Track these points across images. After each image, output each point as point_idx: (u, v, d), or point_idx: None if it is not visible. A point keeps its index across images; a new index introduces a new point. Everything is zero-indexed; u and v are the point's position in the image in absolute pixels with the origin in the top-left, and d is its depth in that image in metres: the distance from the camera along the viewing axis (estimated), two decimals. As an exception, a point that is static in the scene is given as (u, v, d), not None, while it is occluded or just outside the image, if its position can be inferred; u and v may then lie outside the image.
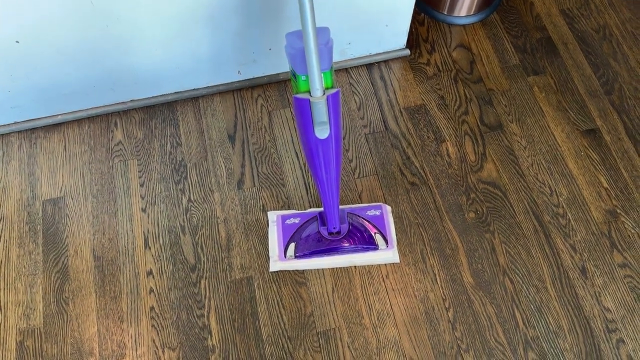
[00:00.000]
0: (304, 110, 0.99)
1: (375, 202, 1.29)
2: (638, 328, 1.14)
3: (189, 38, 1.29)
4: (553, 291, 1.19)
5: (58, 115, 1.41)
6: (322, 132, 1.01)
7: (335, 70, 1.48)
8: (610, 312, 1.16)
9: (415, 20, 1.55)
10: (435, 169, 1.33)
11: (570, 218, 1.26)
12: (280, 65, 1.42)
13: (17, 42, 1.16)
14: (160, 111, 1.43)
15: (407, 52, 1.49)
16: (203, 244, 1.25)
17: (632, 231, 1.24)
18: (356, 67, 1.48)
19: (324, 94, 0.97)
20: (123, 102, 1.42)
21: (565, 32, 1.52)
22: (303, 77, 0.97)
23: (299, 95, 0.98)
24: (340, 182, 1.16)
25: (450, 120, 1.39)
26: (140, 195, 1.31)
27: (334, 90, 0.98)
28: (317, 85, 0.95)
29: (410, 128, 1.38)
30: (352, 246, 1.22)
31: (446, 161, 1.34)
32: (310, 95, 0.97)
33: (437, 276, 1.20)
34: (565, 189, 1.30)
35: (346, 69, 1.48)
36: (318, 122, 1.00)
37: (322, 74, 0.96)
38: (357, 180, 1.32)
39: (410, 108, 1.41)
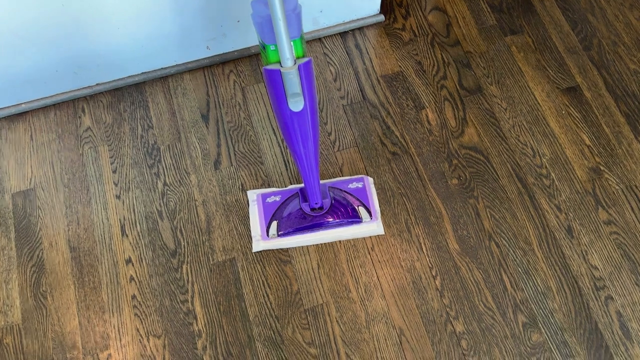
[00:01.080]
0: (275, 82, 0.95)
1: (356, 174, 1.26)
2: (626, 284, 1.14)
3: (151, 15, 1.23)
4: (540, 253, 1.18)
5: (21, 104, 1.34)
6: (296, 104, 0.97)
7: (308, 41, 1.43)
8: (598, 269, 1.16)
9: (388, -15, 1.50)
10: (416, 137, 1.30)
11: (554, 178, 1.25)
12: (251, 39, 1.37)
13: (-34, 27, 1.09)
14: (128, 93, 1.37)
15: (382, 17, 1.44)
16: (182, 228, 1.21)
17: (616, 187, 1.23)
18: (330, 36, 1.43)
19: (295, 63, 0.93)
20: (89, 87, 1.36)
21: (541, -11, 1.49)
22: (272, 47, 0.93)
23: (269, 67, 0.94)
24: (319, 156, 1.13)
25: (429, 86, 1.36)
26: (114, 182, 1.27)
27: (305, 59, 0.94)
28: (287, 55, 0.91)
29: (389, 96, 1.35)
30: (336, 221, 1.19)
31: (427, 128, 1.31)
32: (281, 66, 0.93)
33: (423, 245, 1.19)
34: (547, 149, 1.28)
35: (320, 38, 1.43)
36: (291, 94, 0.96)
37: (292, 43, 0.91)
38: (337, 154, 1.29)
39: (387, 76, 1.38)
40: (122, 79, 1.36)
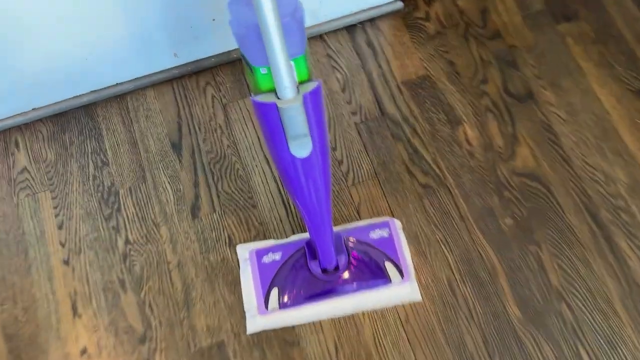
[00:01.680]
0: (270, 120, 0.64)
1: (379, 216, 0.97)
2: None
3: (96, 16, 0.91)
4: (625, 315, 0.89)
5: None
6: (300, 148, 0.67)
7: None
8: (703, 335, 0.88)
9: (404, -39, 1.18)
10: (454, 163, 1.00)
11: (636, 211, 0.96)
12: (231, 40, 1.04)
13: None
14: (75, 119, 1.05)
15: (399, 4, 1.12)
16: (152, 303, 0.92)
17: None
18: (334, 31, 1.12)
19: (298, 92, 0.62)
20: (22, 113, 1.04)
21: (597, -40, 1.17)
22: (263, 70, 0.62)
23: (260, 98, 0.63)
24: (331, 200, 0.83)
25: (466, 93, 1.05)
26: (60, 242, 0.96)
27: (312, 85, 0.63)
28: (285, 83, 0.60)
29: (414, 109, 1.04)
30: (356, 284, 0.90)
31: (466, 150, 1.01)
32: (278, 98, 0.62)
33: (473, 312, 0.90)
34: (622, 172, 0.99)
35: (321, 35, 1.11)
36: (294, 136, 0.65)
37: (292, 63, 0.61)
38: (351, 189, 0.99)
39: (410, 82, 1.07)
40: (65, 101, 1.04)
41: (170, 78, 1.07)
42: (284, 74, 0.59)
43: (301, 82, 0.64)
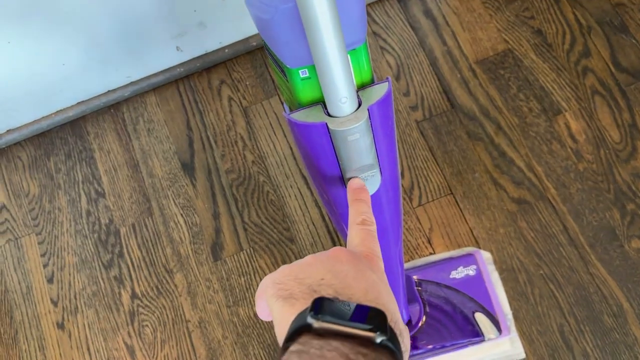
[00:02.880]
0: (316, 146, 0.41)
1: (459, 247, 0.73)
2: None
3: (72, 7, 0.68)
4: None
5: None
6: (364, 182, 0.44)
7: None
8: None
9: None
10: (555, 167, 0.74)
11: None
12: (248, 23, 0.81)
13: None
14: (60, 140, 0.84)
15: (462, -40, 0.86)
16: (171, 376, 0.71)
17: None
18: (379, 0, 0.86)
19: (359, 105, 0.38)
20: (-5, 136, 0.83)
21: None
22: (303, 73, 0.38)
23: (299, 116, 0.39)
24: (402, 242, 0.59)
25: (562, 71, 0.79)
26: (52, 300, 0.76)
27: (380, 90, 0.39)
28: (342, 91, 0.36)
29: (496, 97, 0.79)
30: (436, 344, 0.67)
31: (571, 149, 0.75)
32: (328, 115, 0.39)
33: (600, 373, 0.66)
34: None
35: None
36: (355, 167, 0.42)
37: (349, 59, 0.37)
38: (419, 211, 0.75)
39: (487, 61, 0.81)
40: (46, 118, 0.82)
41: (174, 78, 0.84)
42: (339, 78, 0.36)
43: (362, 86, 0.40)
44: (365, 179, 0.44)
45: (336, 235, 0.75)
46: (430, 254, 0.73)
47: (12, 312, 0.76)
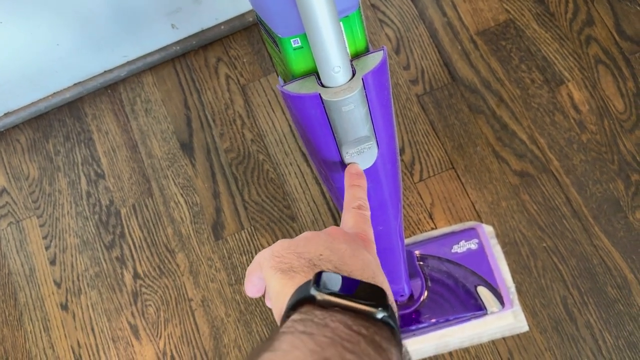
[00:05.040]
0: (310, 118, 0.40)
1: (461, 222, 0.72)
2: None
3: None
4: None
5: None
6: (359, 156, 0.43)
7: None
8: None
9: None
10: (558, 139, 0.73)
11: None
12: (243, 1, 0.79)
13: None
14: (58, 122, 0.83)
15: None
16: (175, 353, 0.71)
17: None
18: (376, -26, 0.84)
19: (353, 75, 0.37)
20: (-7, 119, 0.83)
21: None
22: (295, 42, 0.37)
23: (292, 87, 0.39)
24: (402, 216, 0.59)
25: (565, 41, 0.77)
26: (55, 281, 0.76)
27: (375, 59, 0.38)
28: (334, 60, 0.35)
29: (497, 69, 0.77)
30: (439, 317, 0.67)
31: (574, 120, 0.74)
32: (321, 85, 0.38)
33: (602, 343, 0.66)
34: None
35: (359, -19, 0.84)
36: (350, 139, 0.41)
37: (342, 26, 0.36)
38: (420, 187, 0.74)
39: (488, 31, 0.79)
40: (44, 100, 0.82)
41: (170, 57, 0.83)
42: (331, 46, 0.35)
43: (356, 55, 0.39)
44: (362, 152, 0.43)
45: (337, 212, 0.74)
46: (432, 228, 0.72)
47: (16, 294, 0.77)
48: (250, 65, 0.82)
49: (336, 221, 0.74)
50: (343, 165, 0.44)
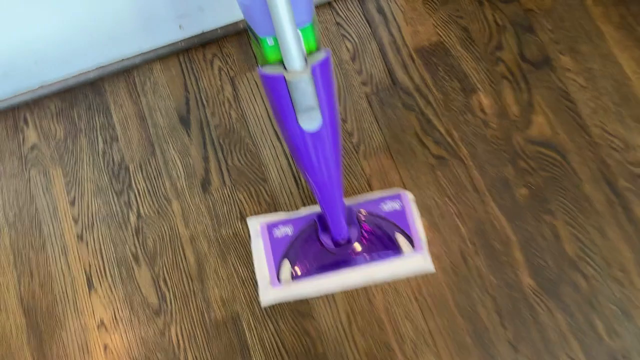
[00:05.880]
0: (278, 93, 0.63)
1: (390, 189, 0.96)
2: None
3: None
4: (642, 284, 0.88)
5: (-56, 117, 1.03)
6: (310, 121, 0.66)
7: (314, 7, 1.08)
8: None
9: None
10: (468, 133, 0.98)
11: (655, 179, 0.94)
12: (237, 11, 1.02)
13: None
14: (83, 95, 1.04)
15: (410, -31, 1.08)
16: (166, 276, 0.92)
17: None
18: (342, -2, 1.08)
19: (306, 63, 0.60)
20: (30, 90, 1.03)
21: None
22: (270, 41, 0.60)
23: (267, 70, 0.61)
24: (342, 174, 0.82)
25: (480, 60, 1.02)
26: (73, 218, 0.97)
27: (321, 55, 0.61)
28: (293, 54, 0.58)
29: (427, 78, 1.01)
30: (368, 256, 0.89)
31: (481, 119, 0.98)
32: (285, 70, 0.60)
33: (486, 282, 0.89)
34: (643, 139, 0.96)
35: (329, 2, 1.08)
36: (303, 108, 0.64)
37: (299, 33, 0.59)
38: (362, 161, 0.97)
39: (423, 49, 1.03)
40: (72, 77, 1.03)
41: (176, 51, 1.05)
42: (291, 45, 0.57)
43: (310, 53, 0.62)
44: (311, 118, 0.66)
45: (299, 178, 0.97)
46: (368, 192, 0.95)
47: (41, 226, 0.97)
48: (238, 61, 1.05)
49: (297, 182, 0.96)
50: (300, 128, 0.67)
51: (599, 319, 0.87)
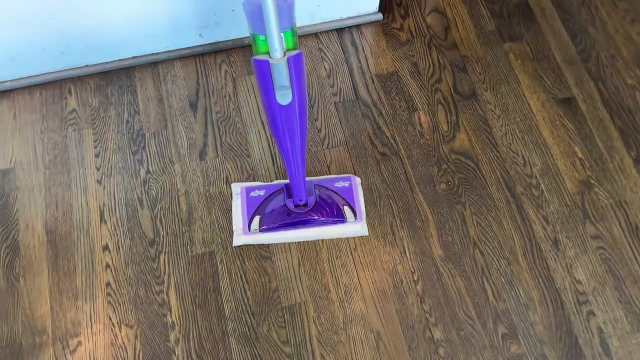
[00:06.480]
0: (263, 74, 0.92)
1: (344, 173, 1.24)
2: (609, 300, 1.12)
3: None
4: (524, 263, 1.16)
5: (6, 81, 1.31)
6: (283, 97, 0.95)
7: (304, 35, 1.40)
8: (582, 284, 1.14)
9: (389, -17, 1.48)
10: (407, 139, 1.28)
11: (544, 189, 1.23)
12: (245, 29, 1.34)
13: (-49, -2, 1.06)
14: (117, 77, 1.34)
15: (380, 16, 1.42)
16: (162, 218, 1.19)
17: (605, 202, 1.22)
18: (326, 32, 1.41)
19: (284, 55, 0.90)
20: (77, 68, 1.33)
21: (543, -2, 1.47)
22: (262, 37, 0.90)
23: (258, 57, 0.91)
24: (306, 152, 1.10)
25: (423, 88, 1.34)
26: (96, 167, 1.24)
27: (295, 52, 0.92)
28: (276, 46, 0.88)
29: (382, 96, 1.33)
30: (320, 219, 1.17)
31: (418, 131, 1.29)
32: (270, 57, 0.91)
33: (406, 249, 1.17)
34: (539, 160, 1.26)
35: (316, 33, 1.41)
36: (279, 86, 0.93)
37: (282, 34, 0.89)
38: (325, 151, 1.27)
39: (382, 75, 1.35)
40: (111, 62, 1.33)
41: (194, 54, 1.36)
42: (275, 41, 0.88)
43: (288, 50, 0.92)
44: (284, 95, 0.95)
45: (275, 156, 1.25)
46: (327, 174, 1.24)
47: (70, 170, 1.24)
48: (241, 67, 1.36)
49: (273, 160, 1.25)
50: (276, 102, 0.96)
51: (489, 285, 1.14)
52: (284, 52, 0.91)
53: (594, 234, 1.19)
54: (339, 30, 1.41)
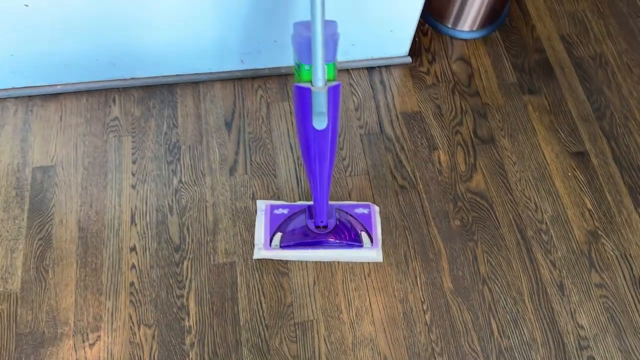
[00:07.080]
0: (304, 99, 1.01)
1: (364, 201, 1.31)
2: (609, 347, 1.16)
3: (195, 21, 1.30)
4: (530, 304, 1.20)
5: (57, 85, 1.41)
6: (320, 122, 1.03)
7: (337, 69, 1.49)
8: (584, 329, 1.18)
9: (420, 30, 1.58)
10: (426, 175, 1.35)
11: (553, 235, 1.29)
12: (284, 59, 1.44)
13: (26, 5, 1.16)
14: (159, 92, 1.43)
15: (409, 59, 1.51)
16: (189, 226, 1.25)
17: (612, 253, 1.27)
18: (357, 69, 1.51)
19: (325, 85, 0.99)
20: (123, 79, 1.42)
21: (563, 57, 1.56)
22: (307, 67, 0.99)
23: (301, 84, 1.00)
24: (332, 178, 1.17)
25: (445, 129, 1.42)
26: (132, 172, 1.31)
27: (335, 83, 1.00)
28: (319, 75, 0.97)
29: (405, 133, 1.41)
30: (338, 242, 1.23)
31: (437, 168, 1.36)
32: (312, 85, 0.99)
33: (418, 279, 1.22)
34: (550, 207, 1.32)
35: (347, 70, 1.50)
36: (317, 112, 1.01)
37: (325, 66, 0.98)
38: (348, 178, 1.34)
39: (406, 114, 1.44)
40: (156, 77, 1.43)
41: (234, 78, 1.45)
42: (319, 71, 0.96)
43: (328, 80, 1.01)
44: (321, 119, 1.03)
45: (300, 178, 1.32)
46: (348, 200, 1.30)
47: (107, 173, 1.31)
48: (275, 94, 1.45)
49: (298, 182, 1.32)
50: (312, 127, 1.04)
51: (495, 322, 1.18)
52: (325, 82, 0.99)
53: (599, 283, 1.23)
54: (370, 69, 1.51)
